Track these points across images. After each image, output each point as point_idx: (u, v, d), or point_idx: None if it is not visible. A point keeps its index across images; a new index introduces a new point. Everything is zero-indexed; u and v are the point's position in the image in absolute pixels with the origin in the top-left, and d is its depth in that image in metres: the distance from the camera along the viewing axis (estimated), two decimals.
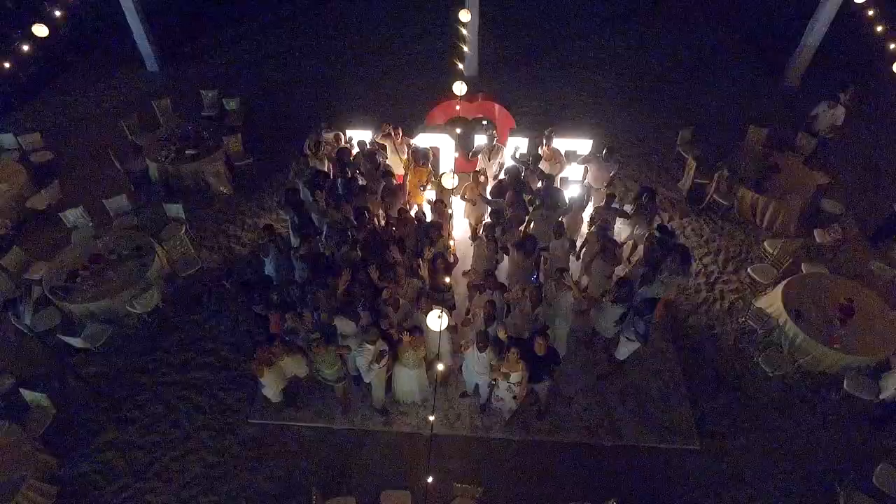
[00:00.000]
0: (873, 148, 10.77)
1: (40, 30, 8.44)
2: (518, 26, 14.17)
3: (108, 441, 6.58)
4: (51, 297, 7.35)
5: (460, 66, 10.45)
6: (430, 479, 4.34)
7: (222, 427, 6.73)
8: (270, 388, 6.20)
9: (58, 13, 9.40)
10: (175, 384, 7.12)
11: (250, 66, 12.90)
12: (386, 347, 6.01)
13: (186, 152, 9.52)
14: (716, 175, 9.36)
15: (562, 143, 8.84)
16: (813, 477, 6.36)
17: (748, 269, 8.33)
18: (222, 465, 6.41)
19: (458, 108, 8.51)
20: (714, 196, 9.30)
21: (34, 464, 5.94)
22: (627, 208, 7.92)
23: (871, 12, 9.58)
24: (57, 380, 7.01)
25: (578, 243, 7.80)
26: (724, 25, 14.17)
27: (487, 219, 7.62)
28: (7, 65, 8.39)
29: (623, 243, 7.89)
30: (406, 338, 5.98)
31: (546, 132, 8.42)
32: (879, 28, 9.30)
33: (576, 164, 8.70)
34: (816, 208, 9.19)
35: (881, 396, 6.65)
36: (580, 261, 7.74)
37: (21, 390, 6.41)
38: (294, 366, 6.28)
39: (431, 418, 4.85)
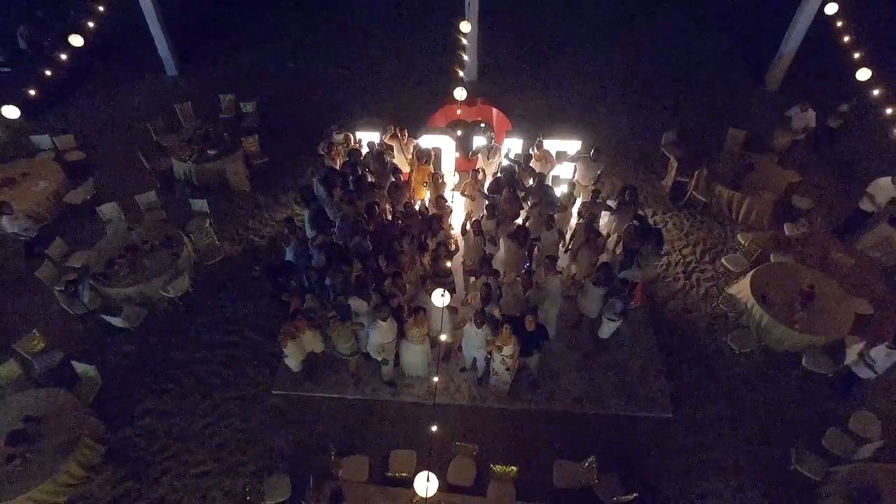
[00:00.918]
0: (848, 151, 11.54)
1: (76, 40, 9.32)
2: (515, 34, 14.95)
3: (148, 409, 7.42)
4: (92, 282, 8.19)
5: (461, 73, 11.25)
6: (434, 428, 5.16)
7: (248, 397, 7.56)
8: (292, 358, 7.03)
9: (91, 24, 10.20)
10: (205, 360, 7.96)
11: (263, 71, 13.72)
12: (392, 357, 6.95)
13: (208, 152, 10.35)
14: (696, 173, 10.18)
15: (553, 144, 9.66)
16: (772, 442, 7.17)
17: (722, 259, 9.16)
18: (250, 429, 7.25)
19: (458, 111, 9.32)
20: (694, 193, 10.12)
21: (88, 425, 6.78)
22: (612, 203, 8.74)
23: (839, 23, 10.43)
24: (99, 355, 7.84)
25: (567, 235, 8.63)
26: (710, 34, 14.94)
27: (478, 214, 8.38)
28: (48, 72, 9.24)
29: (608, 234, 8.72)
30: (411, 319, 6.83)
31: (536, 140, 9.22)
32: (846, 38, 10.16)
33: (566, 162, 9.52)
34: (788, 204, 10.00)
35: (845, 362, 7.37)
36: (569, 250, 8.56)
37: (73, 363, 7.24)
38: (313, 341, 7.10)
39: (435, 379, 5.65)
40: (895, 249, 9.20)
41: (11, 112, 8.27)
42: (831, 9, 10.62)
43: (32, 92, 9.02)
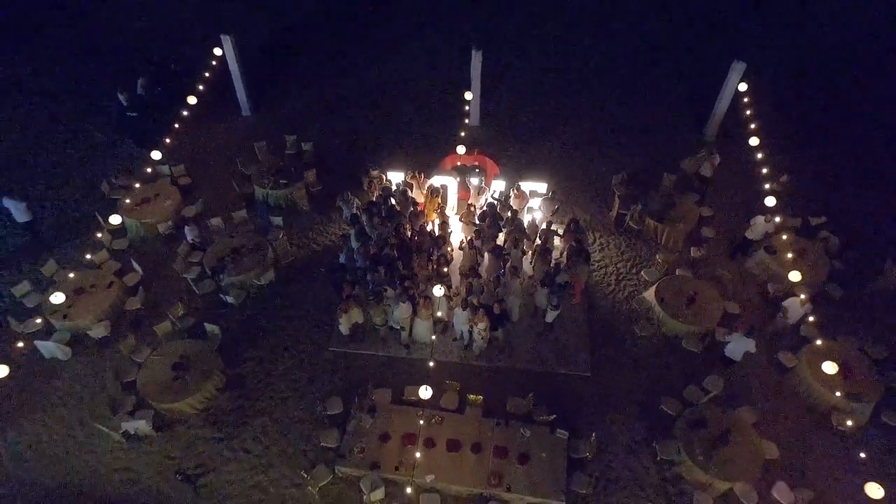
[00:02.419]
0: (753, 192, 15.09)
1: (192, 99, 13.44)
2: (507, 88, 18.56)
3: (249, 356, 11.48)
4: (209, 273, 12.28)
5: (466, 120, 14.98)
6: (431, 364, 9.09)
7: (312, 352, 11.57)
8: (344, 326, 11.03)
9: (201, 87, 14.23)
10: (284, 327, 11.99)
11: (317, 114, 17.58)
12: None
13: (280, 181, 14.39)
14: (633, 208, 13.92)
15: (528, 185, 13.50)
16: (656, 397, 10.89)
17: (642, 272, 12.94)
18: (315, 372, 11.26)
19: (458, 163, 13.26)
20: (629, 223, 13.88)
21: (216, 363, 10.87)
22: (560, 230, 12.58)
23: (745, 99, 14.15)
24: (217, 321, 11.87)
25: (530, 252, 12.50)
26: (665, 92, 18.39)
27: (470, 235, 12.27)
28: (177, 127, 13.35)
29: (560, 252, 12.55)
30: (421, 303, 10.77)
31: (515, 184, 13.11)
32: (748, 112, 13.83)
33: (537, 198, 13.38)
34: (697, 233, 13.68)
35: (727, 338, 10.99)
36: (531, 262, 12.42)
37: (205, 324, 11.34)
38: (357, 315, 11.08)
39: (433, 336, 9.56)
40: (769, 270, 12.84)
41: (156, 155, 12.50)
42: (742, 87, 14.43)
43: (168, 140, 13.16)
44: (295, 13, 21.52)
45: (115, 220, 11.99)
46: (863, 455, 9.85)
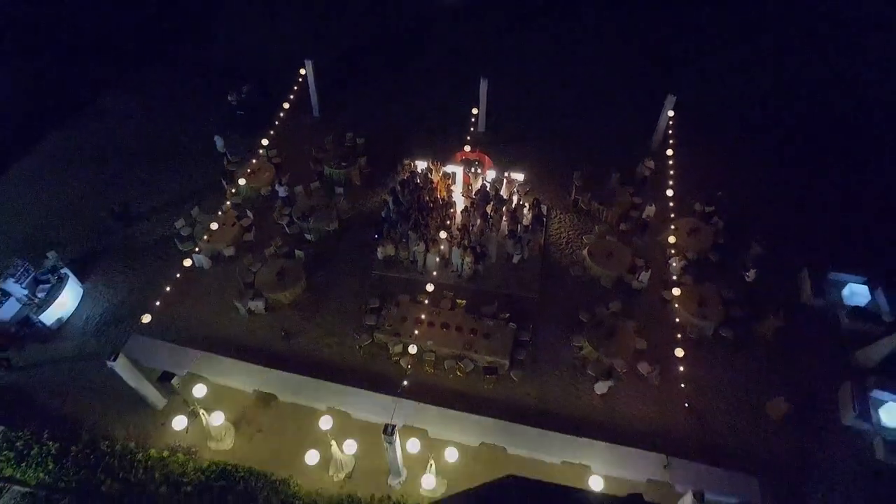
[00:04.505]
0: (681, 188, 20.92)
1: (286, 105, 20.05)
2: (509, 104, 24.76)
3: (321, 272, 18.03)
4: (297, 220, 18.89)
5: (472, 129, 21.18)
6: (432, 281, 15.50)
7: (361, 272, 18.05)
8: (381, 255, 17.50)
9: (291, 96, 20.80)
10: (343, 257, 18.50)
11: (368, 118, 24.06)
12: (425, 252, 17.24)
13: (342, 164, 20.91)
14: (586, 195, 19.96)
15: (514, 174, 19.71)
16: (577, 312, 16.97)
17: (584, 237, 19.02)
18: (360, 284, 17.73)
19: (464, 157, 19.60)
20: (582, 205, 19.94)
21: (301, 274, 17.45)
22: (527, 205, 18.76)
23: (669, 121, 20.03)
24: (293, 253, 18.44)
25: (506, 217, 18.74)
26: (621, 112, 24.15)
27: (467, 204, 18.56)
28: (275, 122, 20.01)
29: (525, 219, 18.73)
30: (431, 244, 17.14)
31: (505, 173, 19.35)
32: (670, 132, 19.72)
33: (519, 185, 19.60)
34: (629, 214, 19.62)
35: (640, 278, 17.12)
36: (506, 223, 18.63)
37: (294, 250, 17.95)
38: (390, 250, 17.53)
39: (437, 260, 15.88)
40: (664, 239, 18.71)
41: (264, 141, 19.14)
42: (670, 112, 20.33)
43: (272, 132, 19.81)
44: (356, 44, 28.16)
45: (241, 182, 18.73)
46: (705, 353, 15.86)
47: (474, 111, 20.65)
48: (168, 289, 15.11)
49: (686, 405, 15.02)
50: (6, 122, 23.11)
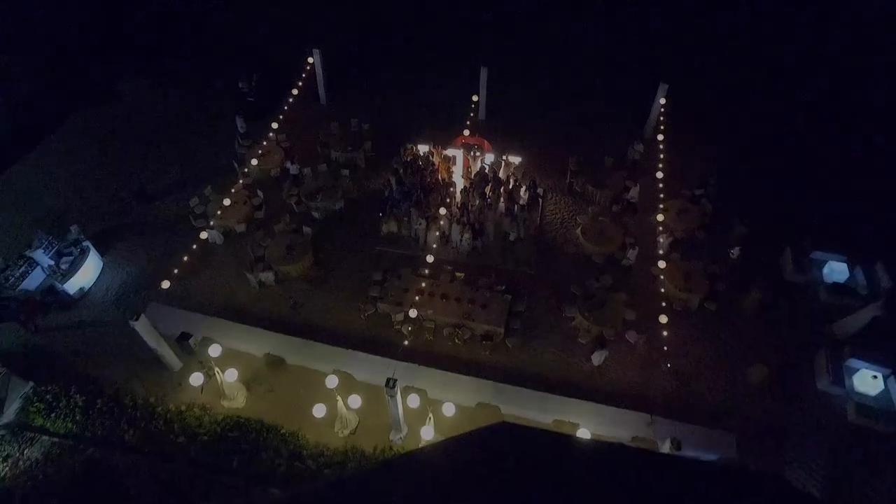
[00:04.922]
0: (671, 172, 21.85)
1: (294, 91, 21.07)
2: (502, 95, 25.69)
3: (328, 246, 19.02)
4: (304, 199, 19.88)
5: (472, 115, 22.14)
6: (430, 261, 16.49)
7: (365, 247, 19.04)
8: (385, 228, 18.49)
9: (300, 83, 21.83)
10: (348, 232, 19.50)
11: (372, 105, 25.05)
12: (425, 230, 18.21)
13: (349, 149, 21.91)
14: (581, 178, 20.90)
15: (512, 157, 20.67)
16: (570, 285, 17.93)
17: (578, 217, 19.96)
18: (364, 258, 18.75)
19: (464, 142, 20.56)
20: (576, 188, 20.89)
21: (308, 248, 18.46)
22: (524, 185, 19.72)
23: (661, 109, 20.95)
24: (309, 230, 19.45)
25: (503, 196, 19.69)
26: (618, 98, 25.10)
27: (467, 185, 19.53)
28: (285, 108, 21.00)
29: (522, 199, 19.68)
30: (432, 221, 18.11)
31: (503, 155, 20.31)
32: (662, 118, 20.64)
33: (515, 167, 20.55)
34: (622, 196, 20.55)
35: (628, 258, 18.09)
36: (503, 203, 19.59)
37: (303, 227, 18.95)
38: (393, 226, 18.52)
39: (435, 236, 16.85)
40: (655, 220, 19.64)
41: (274, 125, 20.14)
42: (662, 100, 21.25)
43: (281, 117, 20.80)
44: (361, 35, 29.16)
45: (254, 162, 19.74)
46: (690, 324, 16.80)
47: (474, 98, 21.61)
48: (185, 258, 16.13)
49: (668, 366, 15.95)
50: (34, 108, 24.25)
